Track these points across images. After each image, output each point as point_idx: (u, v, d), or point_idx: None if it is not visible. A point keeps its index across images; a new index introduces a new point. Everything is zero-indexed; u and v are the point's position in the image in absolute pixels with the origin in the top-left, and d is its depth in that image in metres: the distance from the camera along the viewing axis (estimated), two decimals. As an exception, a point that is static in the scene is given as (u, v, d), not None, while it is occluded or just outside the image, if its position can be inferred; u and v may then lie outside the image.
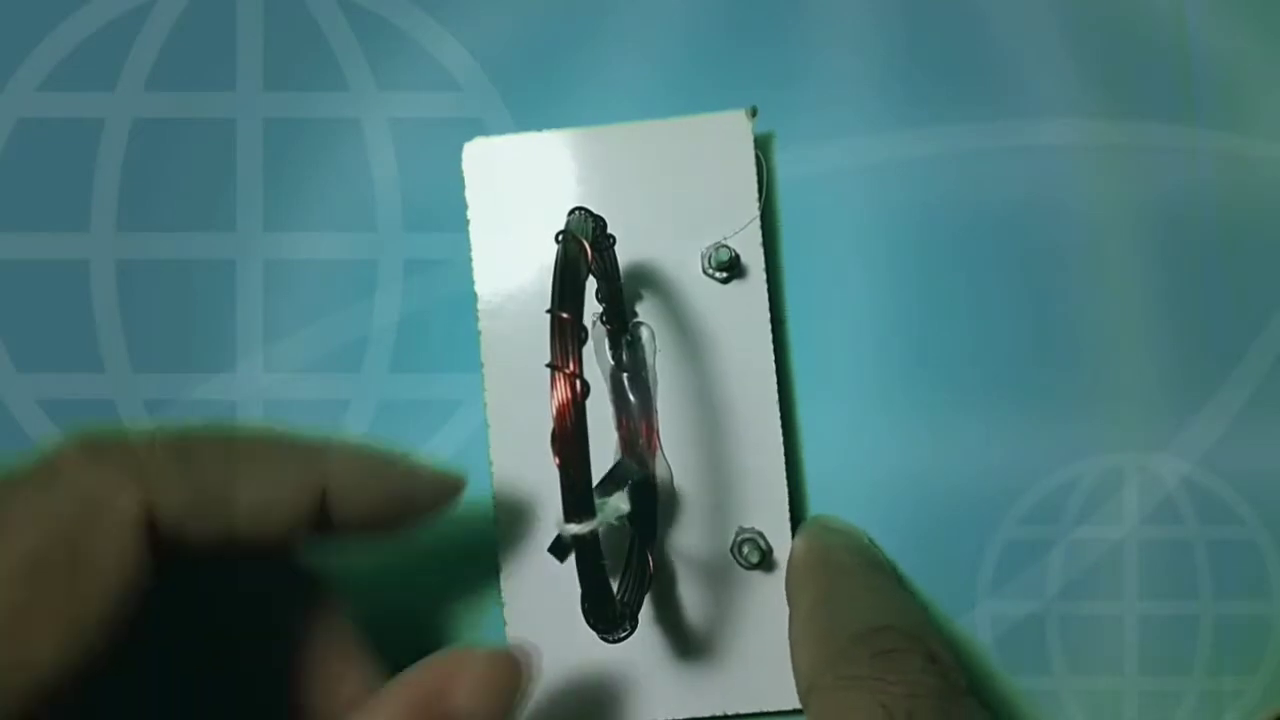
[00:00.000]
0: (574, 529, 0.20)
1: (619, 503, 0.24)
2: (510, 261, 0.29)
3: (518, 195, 0.29)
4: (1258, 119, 0.31)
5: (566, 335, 0.20)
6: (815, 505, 0.30)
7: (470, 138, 0.29)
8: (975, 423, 0.30)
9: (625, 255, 0.27)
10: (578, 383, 0.20)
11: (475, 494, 0.29)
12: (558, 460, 0.20)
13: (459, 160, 0.29)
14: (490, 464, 0.29)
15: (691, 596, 0.28)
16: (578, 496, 0.20)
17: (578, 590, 0.21)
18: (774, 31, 0.31)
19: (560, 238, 0.22)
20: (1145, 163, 0.31)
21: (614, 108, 0.31)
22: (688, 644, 0.28)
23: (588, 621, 0.22)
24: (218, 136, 0.31)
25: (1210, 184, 0.30)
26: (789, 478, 0.28)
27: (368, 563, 0.30)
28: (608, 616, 0.22)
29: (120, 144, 0.31)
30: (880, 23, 0.31)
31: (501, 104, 0.31)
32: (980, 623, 0.30)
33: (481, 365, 0.29)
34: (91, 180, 0.31)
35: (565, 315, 0.20)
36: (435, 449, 0.30)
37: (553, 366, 0.20)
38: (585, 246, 0.22)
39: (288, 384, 0.31)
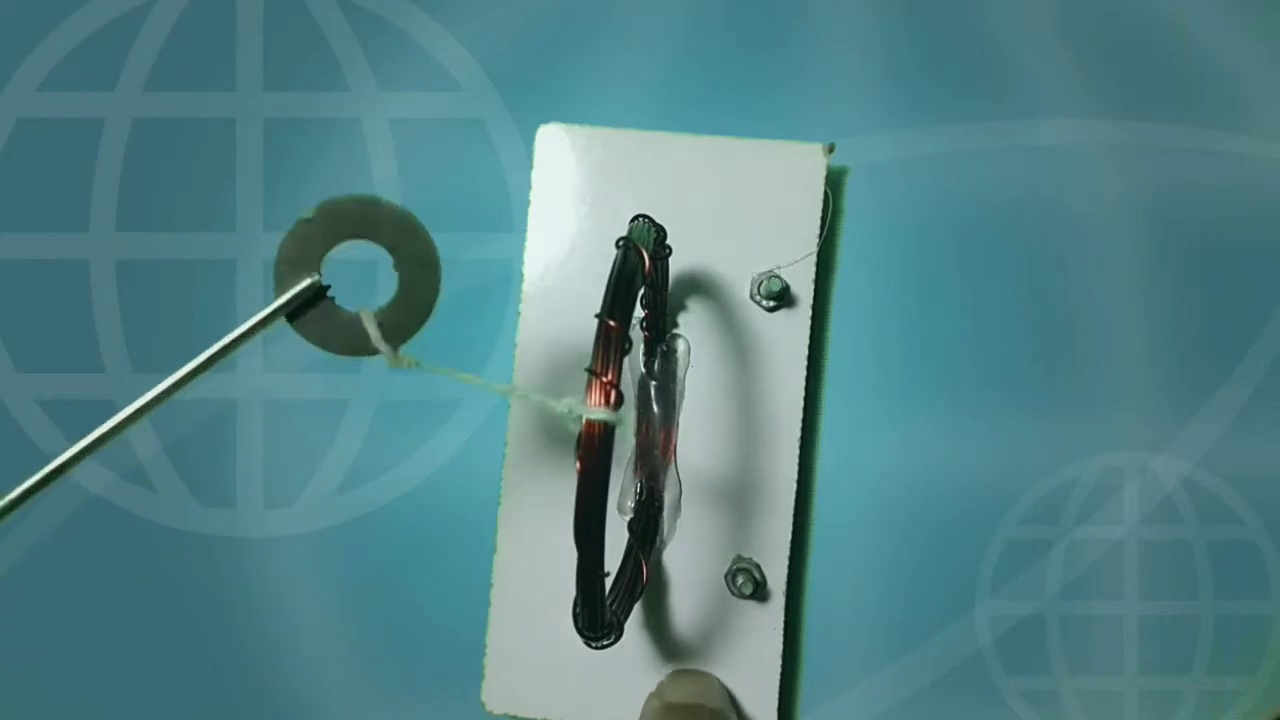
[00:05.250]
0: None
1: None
2: (562, 248, 0.29)
3: (582, 186, 0.29)
4: (1258, 119, 0.31)
5: (611, 344, 0.20)
6: (817, 505, 0.30)
7: (470, 138, 0.29)
8: (975, 423, 0.30)
9: (676, 266, 0.27)
10: (613, 392, 0.20)
11: (478, 484, 0.30)
12: (579, 466, 0.20)
13: (459, 160, 0.29)
14: (505, 446, 0.29)
15: (681, 615, 0.28)
16: (590, 509, 0.20)
17: (569, 591, 0.21)
18: (774, 31, 0.31)
19: (621, 244, 0.22)
20: (1145, 163, 0.31)
21: (614, 108, 0.31)
22: (669, 661, 0.28)
23: (576, 625, 0.22)
24: (218, 136, 0.31)
25: (1210, 184, 0.30)
26: (796, 509, 0.28)
27: (364, 540, 0.30)
28: (597, 623, 0.22)
29: (120, 144, 0.31)
30: (880, 23, 0.31)
31: (501, 104, 0.31)
32: (980, 623, 0.30)
33: (515, 346, 0.29)
34: (91, 180, 0.31)
35: (613, 324, 0.20)
36: (435, 449, 0.30)
37: (591, 372, 0.20)
38: (645, 257, 0.22)
39: (288, 384, 0.31)
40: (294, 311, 0.21)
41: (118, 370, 0.31)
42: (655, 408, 0.28)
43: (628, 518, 0.28)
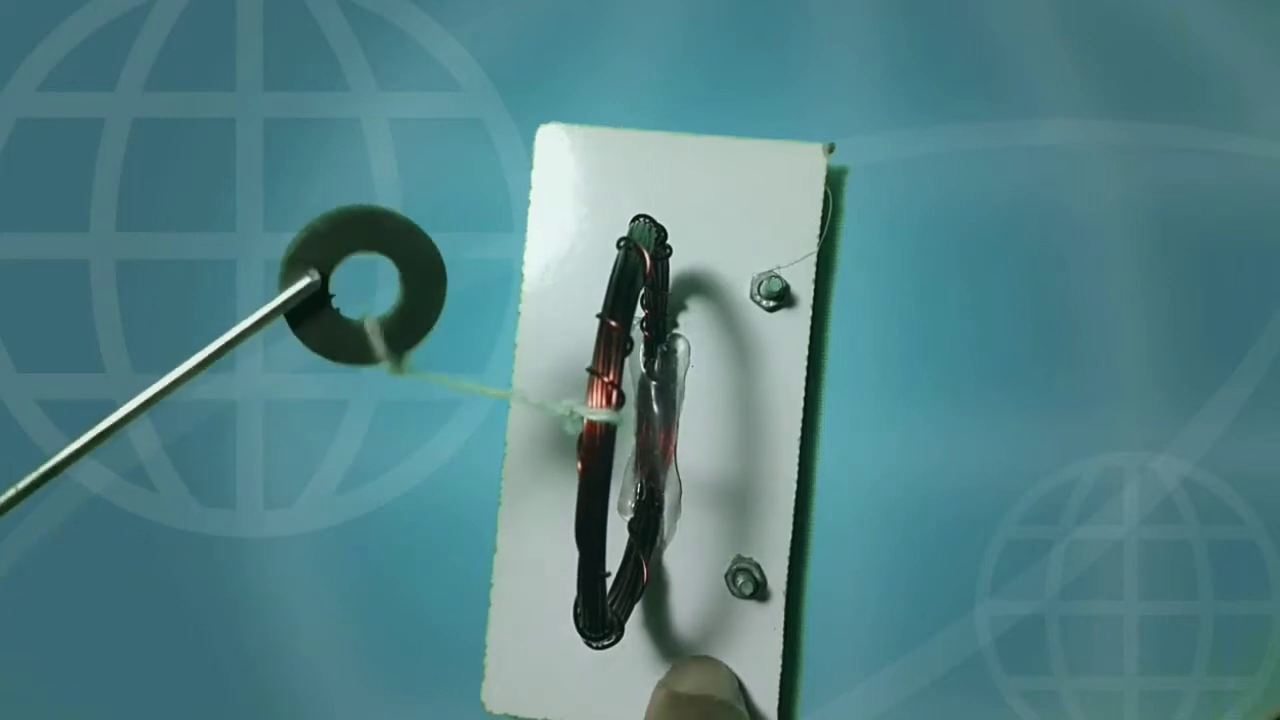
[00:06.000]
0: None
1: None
2: (562, 248, 0.29)
3: (582, 186, 0.29)
4: (1258, 119, 0.31)
5: (612, 344, 0.20)
6: (817, 505, 0.30)
7: (470, 138, 0.29)
8: (975, 423, 0.30)
9: (676, 266, 0.27)
10: (615, 392, 0.20)
11: (478, 484, 0.30)
12: (580, 467, 0.20)
13: (459, 160, 0.29)
14: (505, 446, 0.29)
15: (681, 615, 0.28)
16: (591, 509, 0.20)
17: (569, 591, 0.21)
18: (774, 31, 0.31)
19: (622, 244, 0.22)
20: (1145, 163, 0.31)
21: (614, 108, 0.31)
22: (670, 661, 0.28)
23: (576, 625, 0.22)
24: (218, 136, 0.31)
25: (1210, 184, 0.30)
26: (796, 509, 0.28)
27: (364, 540, 0.30)
28: (597, 623, 0.22)
29: (120, 144, 0.31)
30: (880, 23, 0.31)
31: (501, 104, 0.31)
32: (980, 623, 0.30)
33: (515, 346, 0.29)
34: (91, 180, 0.31)
35: (614, 324, 0.20)
36: (435, 449, 0.30)
37: (592, 372, 0.20)
38: (645, 257, 0.22)
39: (288, 384, 0.31)
40: (296, 317, 0.21)
41: (118, 370, 0.31)
42: (655, 408, 0.28)
43: (628, 518, 0.28)
